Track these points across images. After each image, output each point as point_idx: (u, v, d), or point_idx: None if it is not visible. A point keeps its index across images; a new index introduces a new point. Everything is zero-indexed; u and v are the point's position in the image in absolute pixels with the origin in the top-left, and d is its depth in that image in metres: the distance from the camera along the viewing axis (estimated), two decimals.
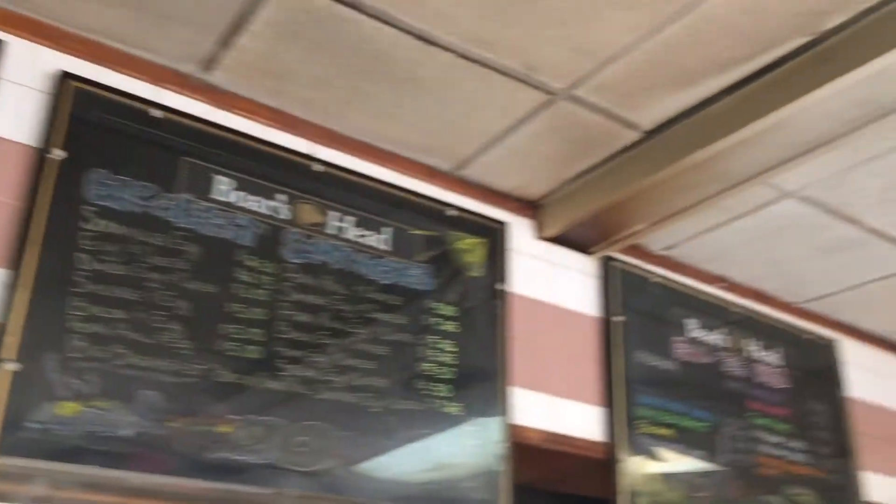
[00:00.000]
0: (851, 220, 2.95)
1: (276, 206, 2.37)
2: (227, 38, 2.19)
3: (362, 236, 2.50)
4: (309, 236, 2.40)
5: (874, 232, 3.01)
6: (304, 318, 2.30)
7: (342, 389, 2.30)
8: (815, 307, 3.65)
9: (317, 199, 2.45)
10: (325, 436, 2.23)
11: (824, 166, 2.63)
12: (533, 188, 2.85)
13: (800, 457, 3.32)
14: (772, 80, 2.25)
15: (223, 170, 2.31)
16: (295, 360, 2.25)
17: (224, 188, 2.30)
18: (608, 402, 2.85)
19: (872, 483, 3.53)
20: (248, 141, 2.39)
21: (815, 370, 3.57)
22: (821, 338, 3.67)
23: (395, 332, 2.46)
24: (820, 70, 2.14)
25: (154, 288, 2.10)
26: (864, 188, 2.75)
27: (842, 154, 2.55)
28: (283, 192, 2.40)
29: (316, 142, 2.52)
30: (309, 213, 2.43)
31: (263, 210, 2.35)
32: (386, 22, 2.11)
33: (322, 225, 2.44)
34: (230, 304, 2.20)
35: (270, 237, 2.33)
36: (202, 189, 2.26)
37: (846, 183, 2.72)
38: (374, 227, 2.54)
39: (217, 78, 2.34)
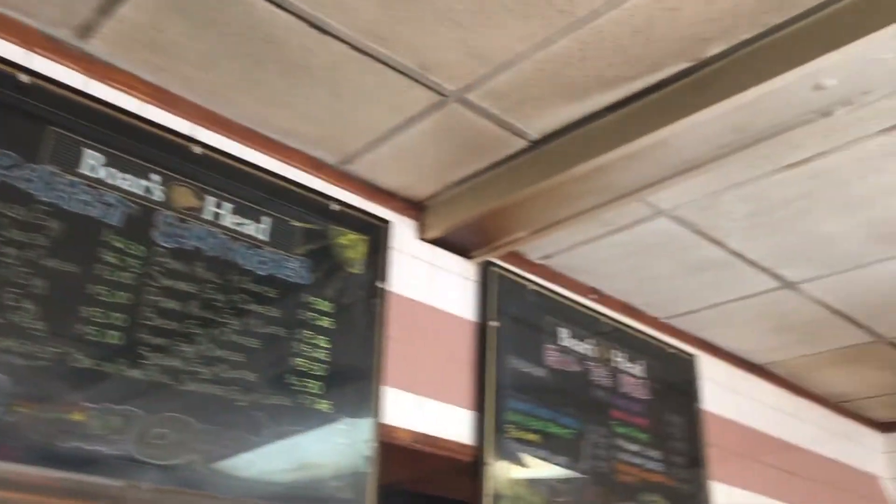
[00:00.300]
0: (717, 242, 3.09)
1: (150, 186, 2.27)
2: (107, 6, 2.07)
3: (240, 224, 2.42)
4: (183, 220, 2.30)
5: (737, 255, 3.18)
6: (172, 305, 2.20)
7: (208, 381, 2.21)
8: (677, 323, 3.82)
9: (194, 182, 2.36)
10: (187, 429, 2.14)
11: (697, 188, 2.75)
12: (418, 188, 2.84)
13: (655, 465, 3.45)
14: (654, 101, 2.33)
15: (94, 143, 2.19)
16: (159, 349, 2.15)
17: (93, 163, 2.17)
18: (479, 405, 2.88)
19: (719, 493, 3.72)
20: (124, 116, 2.27)
21: (675, 383, 3.73)
22: (683, 352, 3.83)
23: (268, 324, 2.39)
24: (698, 95, 2.23)
25: (8, 263, 1.96)
26: (732, 212, 2.89)
27: (713, 177, 2.68)
28: (157, 173, 2.29)
29: (197, 123, 2.43)
30: (185, 197, 2.33)
31: (135, 189, 2.23)
32: (280, 6, 2.05)
33: (198, 210, 2.35)
34: (92, 285, 2.08)
35: (141, 218, 2.22)
36: (69, 162, 2.13)
37: (715, 206, 2.86)
38: (254, 216, 2.46)
39: (94, 47, 2.21)
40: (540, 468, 2.97)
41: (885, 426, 5.05)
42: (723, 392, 4.01)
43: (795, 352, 4.06)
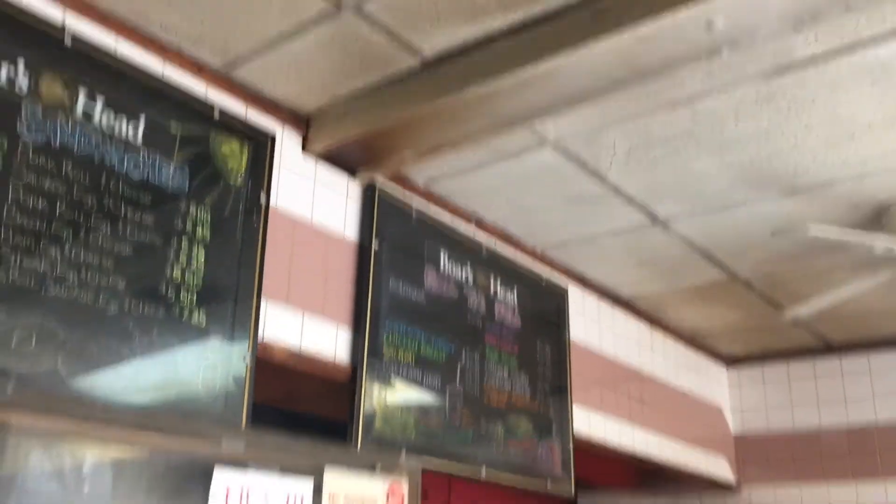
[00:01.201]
0: (597, 175, 3.17)
1: (15, 75, 2.08)
2: None
3: (115, 125, 2.27)
4: (51, 115, 2.13)
5: (614, 189, 3.27)
6: (38, 204, 2.05)
7: (76, 288, 2.09)
8: (552, 254, 3.92)
9: (64, 75, 2.18)
10: (51, 337, 2.02)
11: (583, 120, 2.79)
12: (306, 100, 2.75)
13: (522, 390, 3.57)
14: (550, 28, 2.33)
15: None
16: (22, 250, 2.00)
17: None
18: (357, 326, 2.87)
19: (579, 417, 3.90)
20: None
21: (547, 313, 3.85)
22: (556, 284, 3.95)
23: (141, 232, 2.28)
24: (593, 25, 2.25)
25: None
26: (613, 146, 2.96)
27: (600, 111, 2.73)
28: (24, 62, 2.10)
29: (71, 10, 2.23)
30: (53, 91, 2.16)
31: None
32: None
33: (68, 106, 2.18)
34: None
35: (3, 109, 2.04)
36: None
37: (599, 139, 2.92)
38: (130, 117, 2.31)
39: None
40: (413, 389, 3.01)
41: (731, 360, 5.43)
42: (589, 323, 4.18)
43: (657, 287, 4.26)
